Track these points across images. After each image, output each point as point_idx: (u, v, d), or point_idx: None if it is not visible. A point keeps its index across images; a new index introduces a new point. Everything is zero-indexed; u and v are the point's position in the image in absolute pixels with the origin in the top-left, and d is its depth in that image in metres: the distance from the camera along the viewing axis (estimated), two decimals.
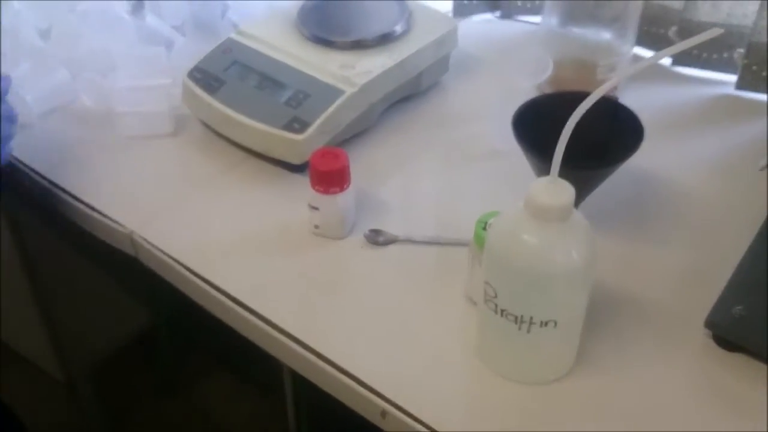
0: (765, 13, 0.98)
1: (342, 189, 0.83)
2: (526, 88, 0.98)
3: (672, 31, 1.10)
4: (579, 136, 0.59)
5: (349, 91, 0.94)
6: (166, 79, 1.03)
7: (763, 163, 0.77)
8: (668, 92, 1.09)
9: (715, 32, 0.57)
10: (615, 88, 1.04)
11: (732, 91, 1.07)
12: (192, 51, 1.06)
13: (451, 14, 1.23)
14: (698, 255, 0.83)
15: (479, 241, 0.73)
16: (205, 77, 0.98)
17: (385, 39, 1.00)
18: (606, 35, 1.03)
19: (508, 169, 0.91)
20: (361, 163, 0.95)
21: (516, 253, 0.63)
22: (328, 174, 0.81)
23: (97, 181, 0.94)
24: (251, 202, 0.91)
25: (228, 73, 0.98)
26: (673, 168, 0.94)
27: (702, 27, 1.06)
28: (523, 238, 0.63)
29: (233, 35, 1.03)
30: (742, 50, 1.04)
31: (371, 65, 0.97)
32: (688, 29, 1.07)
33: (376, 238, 0.85)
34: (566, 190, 0.62)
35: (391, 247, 0.85)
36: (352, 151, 0.96)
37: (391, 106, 1.03)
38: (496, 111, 1.00)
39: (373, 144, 0.99)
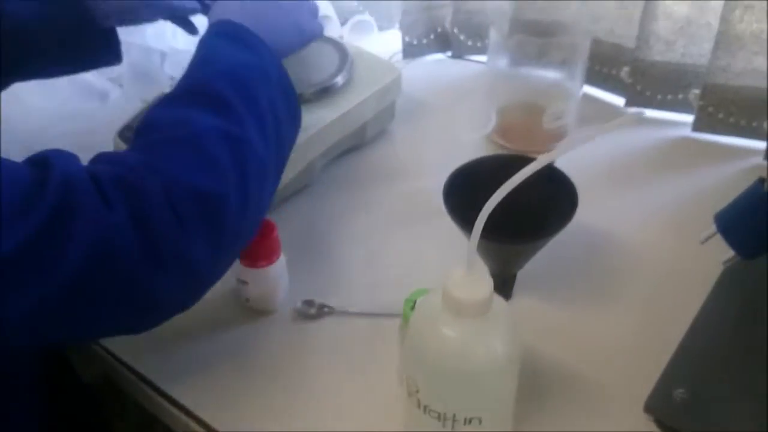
0: (719, 52, 0.94)
1: (271, 262, 0.79)
2: (473, 140, 0.94)
3: (624, 72, 1.06)
4: (512, 200, 0.56)
5: None
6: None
7: (706, 234, 0.73)
8: (620, 134, 1.05)
9: (632, 119, 0.54)
10: (564, 128, 1.00)
11: (688, 132, 1.03)
12: (128, 107, 1.02)
13: (400, 55, 1.19)
14: (644, 324, 0.79)
15: (407, 322, 0.69)
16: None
17: (325, 92, 0.96)
18: (554, 75, 1.00)
19: (452, 230, 0.88)
20: (298, 223, 0.92)
21: (435, 348, 0.59)
22: (255, 247, 0.77)
23: None
24: None
25: None
26: (622, 222, 0.91)
27: (656, 67, 1.03)
28: (442, 332, 0.59)
29: (166, 90, 0.99)
30: (697, 91, 1.00)
31: (310, 121, 0.93)
32: (640, 69, 1.03)
33: (309, 311, 0.81)
34: (483, 283, 0.58)
35: (325, 320, 0.81)
36: (288, 211, 0.93)
37: (334, 158, 1.00)
38: (441, 165, 0.95)
39: (311, 203, 0.95)
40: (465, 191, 0.78)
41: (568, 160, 1.01)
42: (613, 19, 1.04)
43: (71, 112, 1.02)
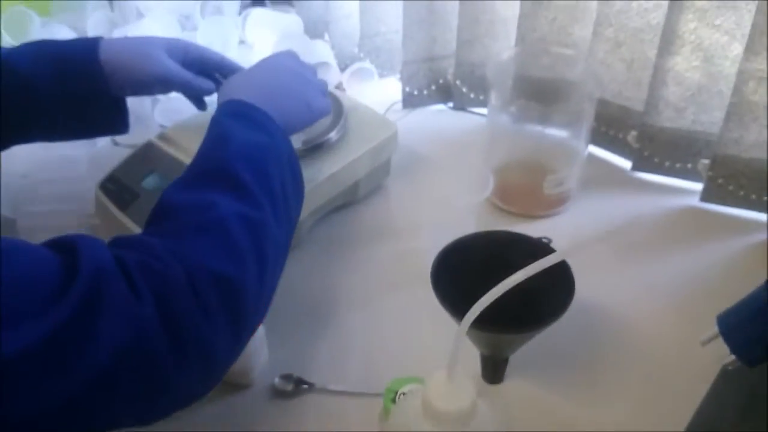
0: (731, 124, 0.90)
1: None
2: (470, 203, 0.90)
3: (631, 136, 1.01)
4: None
5: None
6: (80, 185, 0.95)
7: (707, 336, 0.68)
8: (625, 199, 1.00)
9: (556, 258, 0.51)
10: (566, 193, 0.96)
11: (696, 202, 0.99)
12: (115, 153, 0.99)
13: (399, 104, 1.16)
14: (639, 417, 0.74)
15: (386, 413, 0.65)
16: (119, 189, 0.90)
17: (318, 148, 0.92)
18: (557, 133, 0.95)
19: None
20: (280, 288, 0.87)
21: None
22: None
23: None
24: None
25: (143, 185, 0.90)
26: (622, 299, 0.86)
27: (664, 133, 0.98)
28: None
29: (154, 139, 0.95)
30: (707, 161, 0.96)
31: None
32: (648, 134, 0.99)
33: (286, 387, 0.77)
34: (466, 392, 0.53)
35: (304, 398, 0.76)
36: None
37: (324, 216, 0.95)
38: (437, 226, 0.92)
39: (298, 265, 0.91)
40: (455, 271, 0.74)
41: (567, 227, 0.98)
42: (622, 81, 1.00)
43: (57, 158, 0.98)
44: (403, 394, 0.68)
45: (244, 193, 0.65)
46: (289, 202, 0.72)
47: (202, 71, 0.89)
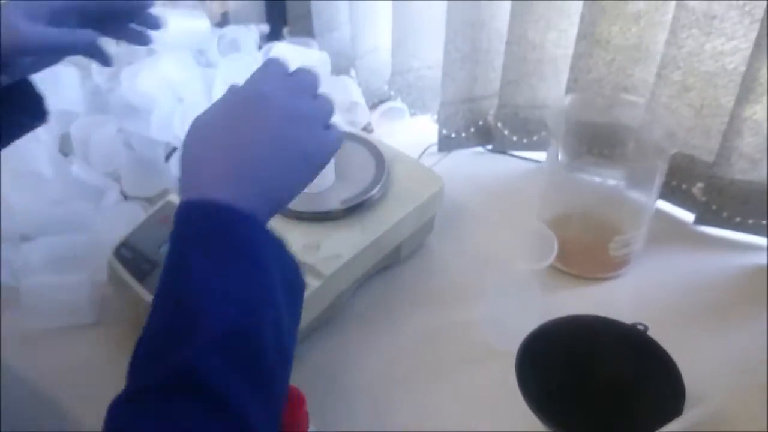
0: None
1: None
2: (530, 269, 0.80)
3: (697, 188, 0.93)
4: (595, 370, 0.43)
5: (313, 285, 0.76)
6: (89, 250, 0.84)
7: None
8: (692, 258, 0.91)
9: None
10: (631, 255, 0.87)
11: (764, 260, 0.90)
12: (127, 209, 0.89)
13: (434, 147, 1.06)
14: None
15: None
16: (135, 257, 0.80)
17: (358, 208, 0.83)
18: (626, 189, 0.86)
19: (506, 377, 0.75)
20: (318, 369, 0.78)
21: None
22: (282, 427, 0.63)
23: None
24: None
25: (162, 253, 0.80)
26: (706, 375, 0.76)
27: (734, 186, 0.89)
28: None
29: (173, 197, 0.85)
30: None
31: (340, 246, 0.79)
32: (717, 187, 0.90)
33: None
34: None
35: None
36: (309, 352, 0.79)
37: (363, 281, 0.86)
38: (489, 291, 0.82)
39: (335, 340, 0.81)
40: (540, 360, 0.64)
41: (631, 291, 0.89)
42: (688, 128, 0.91)
43: (61, 216, 0.87)
44: None
45: (223, 409, 0.47)
46: (288, 353, 0.54)
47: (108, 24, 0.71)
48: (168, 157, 0.97)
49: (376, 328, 0.82)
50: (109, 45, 1.03)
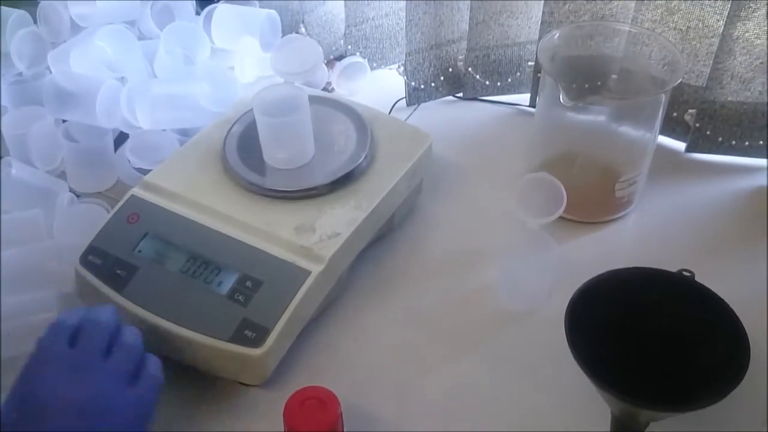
0: None
1: None
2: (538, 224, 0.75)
3: (689, 115, 0.89)
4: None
5: (315, 269, 0.68)
6: (50, 261, 0.75)
7: None
8: (693, 187, 0.88)
9: None
10: (635, 194, 0.82)
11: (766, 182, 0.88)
12: (84, 210, 0.79)
13: (403, 102, 0.99)
14: None
15: None
16: (107, 263, 0.70)
17: (347, 179, 0.75)
18: (628, 127, 0.81)
19: (533, 339, 0.70)
20: (335, 357, 0.71)
21: None
22: None
23: None
24: None
25: (140, 255, 0.71)
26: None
27: (727, 108, 0.86)
28: None
29: (137, 191, 0.75)
30: None
31: (336, 223, 0.72)
32: (709, 112, 0.86)
33: None
34: None
35: None
36: (312, 339, 0.72)
37: (359, 257, 0.78)
38: (496, 250, 0.77)
39: (344, 323, 0.74)
40: (585, 322, 0.59)
41: (642, 231, 0.85)
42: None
43: (9, 228, 0.76)
44: None
45: None
46: None
47: None
48: (117, 145, 0.86)
49: (383, 303, 0.76)
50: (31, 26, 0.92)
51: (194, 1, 1.01)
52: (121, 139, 0.88)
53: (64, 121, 0.86)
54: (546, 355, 0.69)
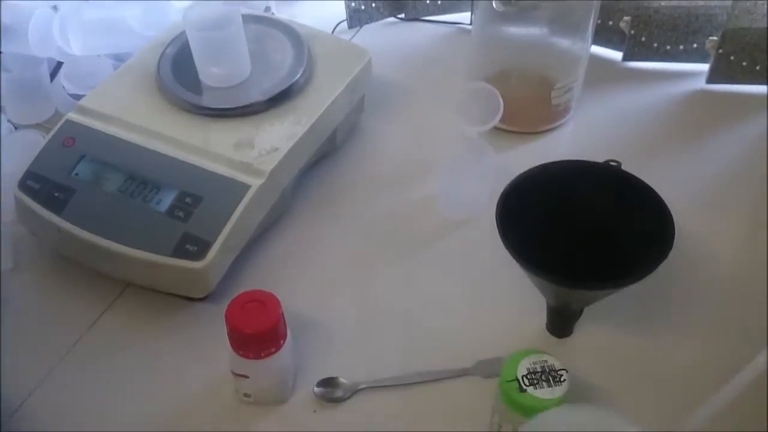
0: None
1: (278, 348, 0.59)
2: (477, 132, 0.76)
3: (624, 22, 0.90)
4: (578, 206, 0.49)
5: (255, 183, 0.69)
6: None
7: None
8: (630, 95, 0.89)
9: None
10: (570, 102, 0.84)
11: (703, 84, 0.89)
12: (22, 138, 0.78)
13: (344, 24, 0.98)
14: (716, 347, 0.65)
15: (511, 402, 0.53)
16: (45, 187, 0.70)
17: (285, 96, 0.75)
18: (559, 36, 0.81)
19: (473, 244, 0.72)
20: (281, 269, 0.72)
21: None
22: (257, 336, 0.58)
23: None
24: (140, 360, 0.66)
25: (77, 177, 0.70)
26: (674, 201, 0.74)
27: (661, 13, 0.87)
28: None
29: (73, 115, 0.75)
30: (714, 38, 0.86)
31: (275, 139, 0.72)
32: (643, 18, 0.87)
33: (333, 393, 0.63)
34: None
35: (354, 400, 0.63)
36: (260, 253, 0.73)
37: (303, 175, 0.79)
38: (436, 163, 0.78)
39: (291, 236, 0.75)
40: (518, 214, 0.61)
41: (579, 138, 0.87)
42: None
43: None
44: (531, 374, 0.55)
45: None
46: None
47: None
48: (53, 75, 0.85)
49: (329, 218, 0.77)
50: None
51: None
52: (58, 69, 0.86)
53: None
54: (485, 257, 0.70)
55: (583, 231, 0.62)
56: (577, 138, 0.85)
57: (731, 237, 0.74)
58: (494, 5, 0.74)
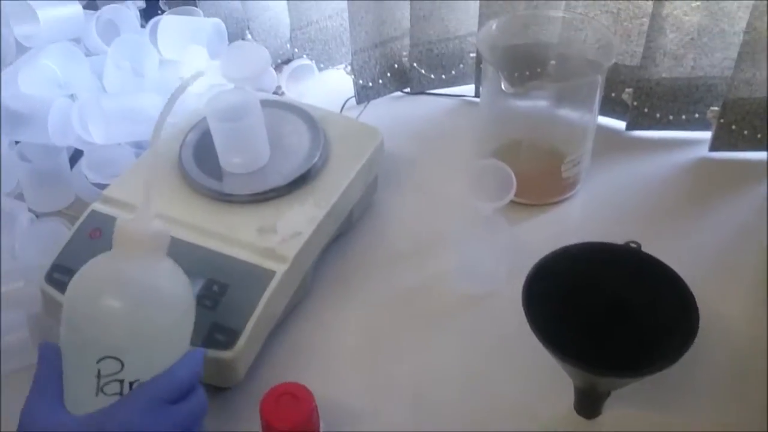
0: (744, 64, 0.83)
1: None
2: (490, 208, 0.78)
3: (626, 94, 0.93)
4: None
5: (280, 269, 0.70)
6: (15, 283, 0.75)
7: None
8: (636, 164, 0.92)
9: None
10: (580, 174, 0.86)
11: (706, 152, 0.92)
12: (45, 229, 0.79)
13: (352, 101, 1.01)
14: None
15: None
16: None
17: (304, 179, 0.77)
18: (568, 110, 0.84)
19: (493, 319, 0.74)
20: (302, 354, 0.73)
21: None
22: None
23: None
24: None
25: None
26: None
27: (661, 86, 0.90)
28: None
29: (97, 206, 0.76)
30: (715, 108, 0.89)
31: (297, 222, 0.74)
32: (645, 90, 0.90)
33: None
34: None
35: None
36: (283, 337, 0.74)
37: (320, 258, 0.80)
38: (452, 238, 0.79)
39: (312, 322, 0.76)
40: (542, 293, 0.62)
41: (588, 209, 0.89)
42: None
43: None
44: None
45: None
46: None
47: None
48: (72, 161, 0.87)
49: (349, 298, 0.78)
50: None
51: (138, 14, 1.01)
52: (77, 156, 0.88)
53: (17, 142, 0.86)
54: (508, 334, 0.71)
55: (602, 309, 0.63)
56: (587, 209, 0.87)
57: (743, 307, 0.76)
58: (503, 86, 0.76)
